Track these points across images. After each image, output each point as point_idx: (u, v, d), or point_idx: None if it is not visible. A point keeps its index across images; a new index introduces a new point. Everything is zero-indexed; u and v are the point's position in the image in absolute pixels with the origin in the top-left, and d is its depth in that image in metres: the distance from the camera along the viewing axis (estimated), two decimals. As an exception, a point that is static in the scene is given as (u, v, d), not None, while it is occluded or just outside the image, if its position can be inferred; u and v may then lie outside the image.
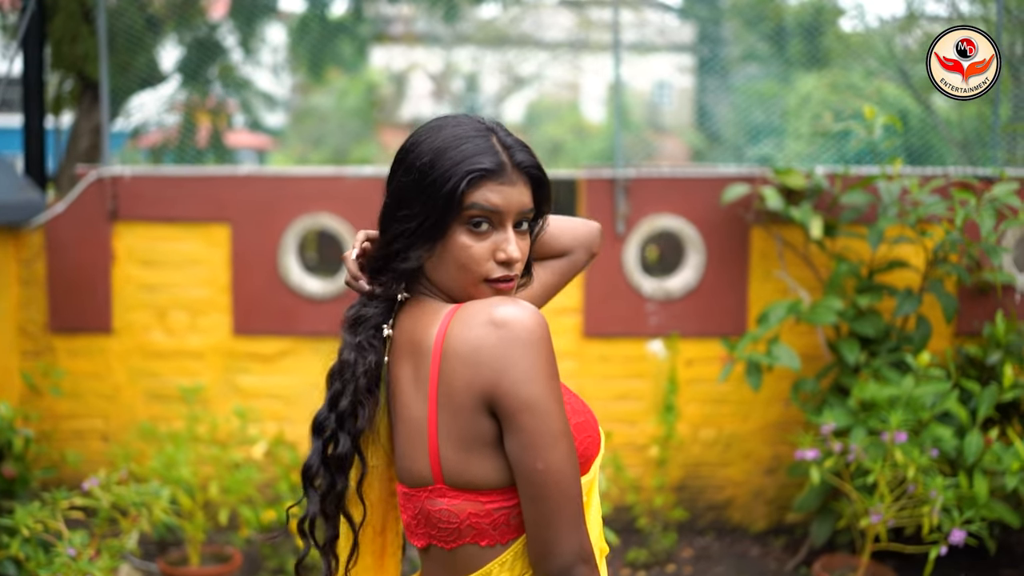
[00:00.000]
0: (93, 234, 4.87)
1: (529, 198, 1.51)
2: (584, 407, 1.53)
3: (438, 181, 1.45)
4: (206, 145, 7.47)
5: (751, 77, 7.44)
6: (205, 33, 7.66)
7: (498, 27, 11.99)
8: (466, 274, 1.47)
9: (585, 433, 1.48)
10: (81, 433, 4.96)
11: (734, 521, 4.96)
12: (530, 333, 1.36)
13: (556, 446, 1.35)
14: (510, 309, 1.38)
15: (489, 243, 1.47)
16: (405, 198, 1.49)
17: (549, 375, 1.36)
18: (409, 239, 1.48)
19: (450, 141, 1.47)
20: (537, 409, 1.35)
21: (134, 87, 6.66)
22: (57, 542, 3.12)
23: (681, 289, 4.79)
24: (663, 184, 4.81)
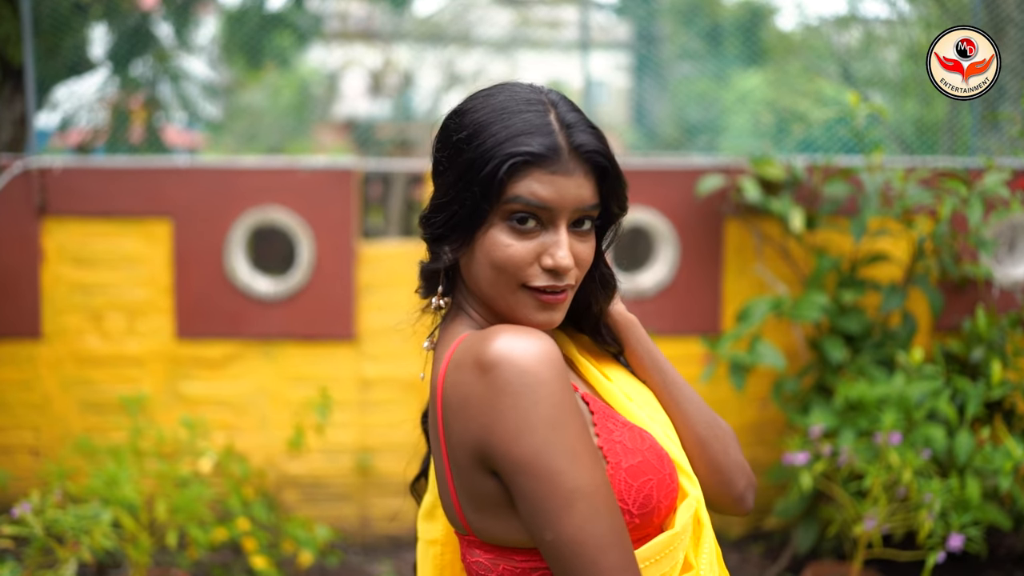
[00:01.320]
0: (19, 231, 4.48)
1: (591, 191, 1.22)
2: (644, 444, 1.22)
3: (476, 163, 1.18)
4: (141, 140, 7.05)
5: (687, 75, 7.31)
6: (136, 20, 7.25)
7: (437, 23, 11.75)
8: (502, 278, 1.21)
9: (644, 477, 1.18)
10: (8, 448, 4.56)
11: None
12: (521, 376, 1.09)
13: (568, 511, 1.08)
14: (501, 346, 1.11)
15: (535, 244, 1.20)
16: (439, 179, 1.23)
17: (550, 424, 1.09)
18: (440, 230, 1.23)
19: (497, 114, 1.20)
20: (534, 469, 1.09)
21: (60, 75, 6.24)
22: (-14, 575, 2.77)
23: (653, 286, 4.57)
24: (634, 176, 4.58)
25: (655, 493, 1.18)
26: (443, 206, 1.22)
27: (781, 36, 7.28)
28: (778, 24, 7.38)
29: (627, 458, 1.18)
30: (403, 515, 4.62)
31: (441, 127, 1.27)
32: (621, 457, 1.17)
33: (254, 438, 4.56)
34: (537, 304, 1.22)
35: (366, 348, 4.64)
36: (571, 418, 1.10)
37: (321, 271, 4.56)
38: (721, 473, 1.37)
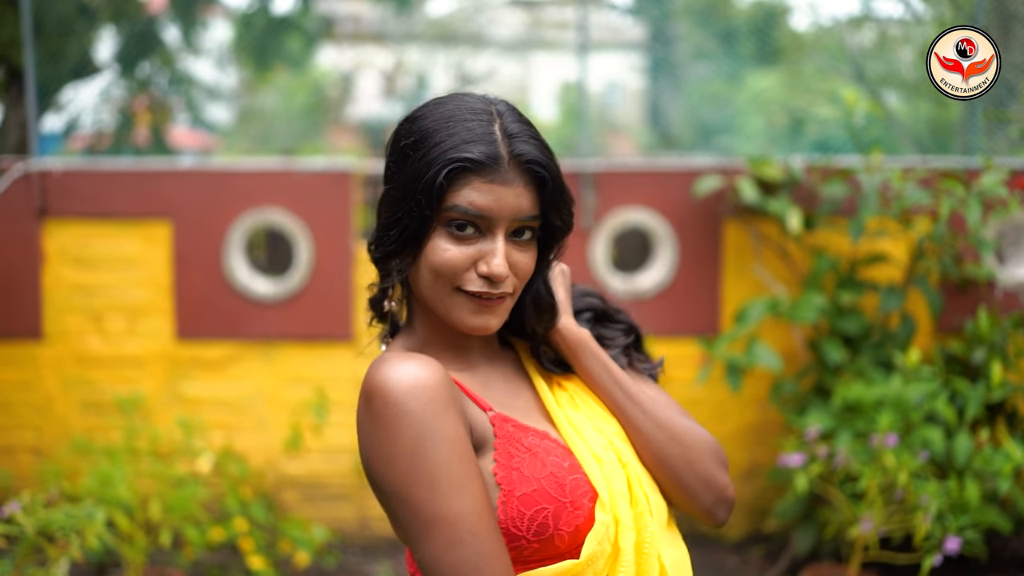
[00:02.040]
0: (20, 232, 4.51)
1: (531, 202, 1.23)
2: (544, 472, 1.20)
3: (420, 172, 1.19)
4: (146, 143, 7.08)
5: (702, 76, 7.30)
6: (143, 24, 7.28)
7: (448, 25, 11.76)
8: (439, 282, 1.22)
9: (538, 506, 1.17)
10: (10, 448, 4.59)
11: (709, 529, 4.74)
12: (387, 407, 1.12)
13: (428, 537, 1.11)
14: (378, 376, 1.14)
15: (473, 251, 1.22)
16: (386, 188, 1.25)
17: (410, 454, 1.11)
18: (392, 247, 1.23)
19: (443, 122, 1.21)
20: (399, 496, 1.13)
21: (65, 78, 6.28)
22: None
23: (652, 287, 4.56)
24: (632, 177, 4.57)
25: (551, 522, 1.18)
26: (395, 222, 1.22)
27: (795, 36, 7.26)
28: (792, 24, 7.37)
29: (521, 486, 1.18)
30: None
31: (394, 132, 1.28)
32: (515, 485, 1.18)
33: (253, 438, 4.57)
34: (472, 307, 1.23)
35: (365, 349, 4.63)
36: (435, 448, 1.11)
37: (320, 272, 4.57)
38: (684, 489, 1.34)
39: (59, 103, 7.04)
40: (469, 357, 1.33)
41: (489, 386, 1.31)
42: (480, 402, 1.24)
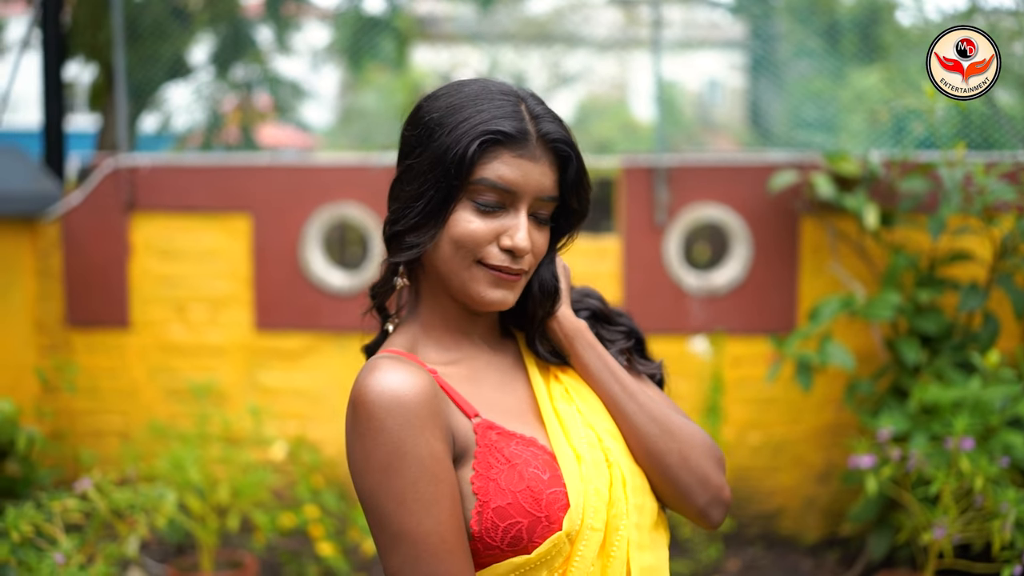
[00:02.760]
0: (110, 226, 4.69)
1: (553, 183, 1.25)
2: (521, 485, 1.18)
3: (449, 145, 1.20)
4: (237, 142, 7.30)
5: (804, 74, 7.15)
6: (239, 26, 7.50)
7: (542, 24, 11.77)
8: (460, 253, 1.23)
9: (512, 519, 1.16)
10: (99, 431, 4.78)
11: (784, 532, 4.64)
12: (367, 420, 1.14)
13: (391, 550, 1.13)
14: (362, 386, 1.15)
15: (496, 224, 1.23)
16: (407, 163, 1.25)
17: (382, 469, 1.13)
18: (416, 219, 1.23)
19: (470, 99, 1.23)
20: (368, 506, 1.15)
21: (160, 79, 6.50)
22: (49, 547, 2.91)
23: (726, 283, 4.49)
24: (706, 172, 4.52)
25: (524, 535, 1.17)
26: (420, 194, 1.22)
27: (900, 32, 7.06)
28: (897, 20, 7.17)
29: (496, 498, 1.17)
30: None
31: (414, 109, 1.29)
32: (491, 496, 1.17)
33: (327, 428, 4.66)
34: (491, 280, 1.24)
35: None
36: (407, 467, 1.13)
37: (394, 266, 4.63)
38: (678, 486, 1.31)
39: (156, 103, 7.31)
40: (470, 344, 1.32)
41: (481, 382, 1.29)
42: (465, 407, 1.23)
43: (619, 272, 4.55)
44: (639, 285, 4.54)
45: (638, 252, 4.52)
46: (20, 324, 4.69)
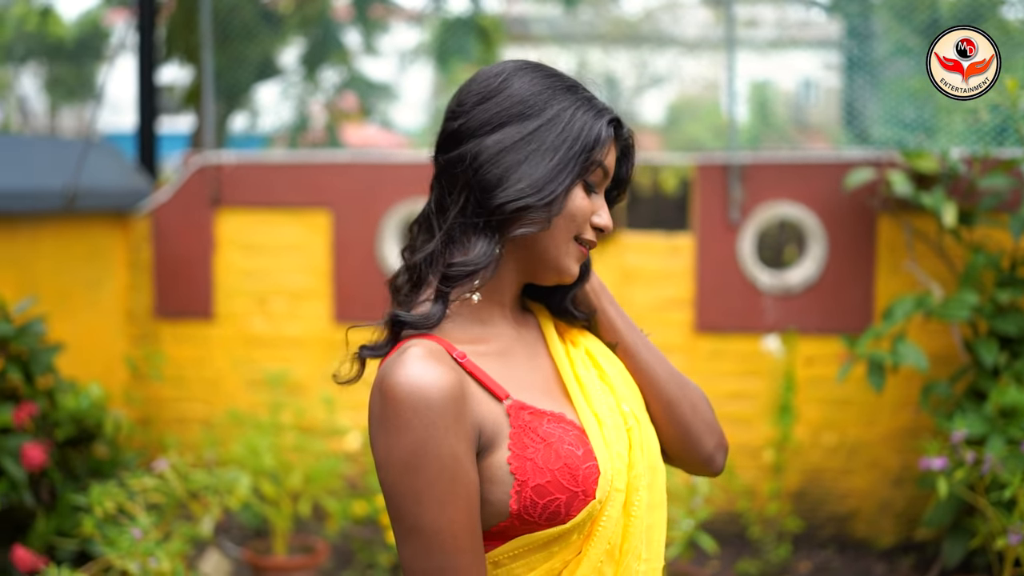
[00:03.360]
0: (196, 221, 4.87)
1: (613, 171, 1.35)
2: (559, 463, 1.22)
3: (577, 121, 1.26)
4: (322, 141, 7.48)
5: (902, 73, 6.99)
6: (327, 28, 7.69)
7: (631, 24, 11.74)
8: (568, 228, 1.28)
9: (550, 496, 1.21)
10: (183, 418, 4.96)
11: (858, 535, 4.57)
12: (396, 414, 1.16)
13: (405, 542, 1.18)
14: (394, 379, 1.17)
15: (592, 204, 1.30)
16: (524, 135, 1.26)
17: (404, 465, 1.16)
18: (543, 193, 1.24)
19: (564, 81, 1.30)
20: (387, 498, 1.19)
21: (250, 80, 6.71)
22: (129, 523, 3.06)
23: (801, 282, 4.45)
24: (781, 169, 4.48)
25: (563, 509, 1.21)
26: (550, 168, 1.24)
27: (1005, 28, 6.85)
28: (1002, 15, 6.97)
29: (535, 477, 1.20)
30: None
31: (492, 84, 1.29)
32: (529, 476, 1.20)
33: (401, 420, 4.74)
34: (579, 255, 1.31)
35: (511, 338, 4.75)
36: (428, 465, 1.15)
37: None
38: (689, 432, 1.40)
39: (246, 103, 7.54)
40: (502, 316, 1.35)
41: (510, 358, 1.32)
42: (496, 390, 1.25)
43: (692, 269, 4.54)
44: (712, 282, 4.52)
45: (711, 250, 4.51)
46: (112, 314, 4.91)
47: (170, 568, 2.92)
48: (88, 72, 22.95)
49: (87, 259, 4.73)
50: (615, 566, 1.27)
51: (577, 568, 1.24)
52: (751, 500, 4.51)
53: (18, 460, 3.54)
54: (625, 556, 1.28)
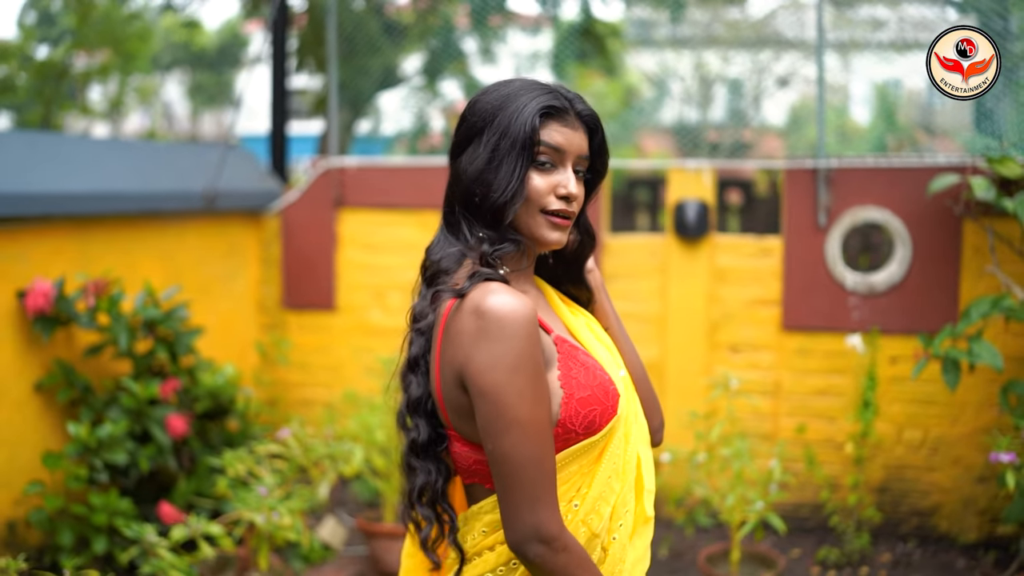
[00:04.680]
0: (321, 220, 5.34)
1: (586, 145, 1.61)
2: (595, 381, 1.55)
3: (513, 121, 1.55)
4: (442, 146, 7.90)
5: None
6: (448, 38, 8.11)
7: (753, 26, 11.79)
8: (529, 205, 1.58)
9: (590, 407, 1.52)
10: (307, 401, 5.44)
11: (940, 529, 4.70)
12: (501, 327, 1.44)
13: (506, 433, 1.43)
14: (495, 300, 1.45)
15: (552, 179, 1.58)
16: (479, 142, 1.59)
17: (511, 367, 1.43)
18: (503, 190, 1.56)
19: (522, 89, 1.59)
20: (490, 397, 1.43)
21: (374, 88, 7.18)
22: (255, 482, 3.50)
23: (885, 283, 4.61)
24: (867, 174, 4.65)
25: (598, 419, 1.53)
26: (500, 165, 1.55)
27: None
28: None
29: (579, 391, 1.52)
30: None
31: (470, 104, 1.65)
32: (575, 390, 1.52)
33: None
34: (550, 224, 1.59)
35: (608, 333, 5.05)
36: (528, 366, 1.45)
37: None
38: (647, 405, 1.78)
39: (371, 110, 8.04)
40: (529, 284, 1.69)
41: (542, 312, 1.65)
42: (545, 326, 1.58)
43: (779, 270, 4.76)
44: (800, 283, 4.72)
45: (799, 252, 4.71)
46: (246, 304, 5.42)
47: (290, 522, 3.34)
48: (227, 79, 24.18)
49: (225, 254, 5.25)
50: (621, 481, 1.59)
51: (594, 478, 1.56)
52: (834, 491, 4.70)
53: (164, 428, 4.04)
54: (623, 467, 1.60)
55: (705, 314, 4.89)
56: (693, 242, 4.87)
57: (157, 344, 4.18)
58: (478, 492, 1.58)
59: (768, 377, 4.83)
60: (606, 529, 1.57)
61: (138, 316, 4.12)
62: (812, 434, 4.73)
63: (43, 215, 4.01)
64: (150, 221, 4.67)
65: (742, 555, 4.05)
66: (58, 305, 3.90)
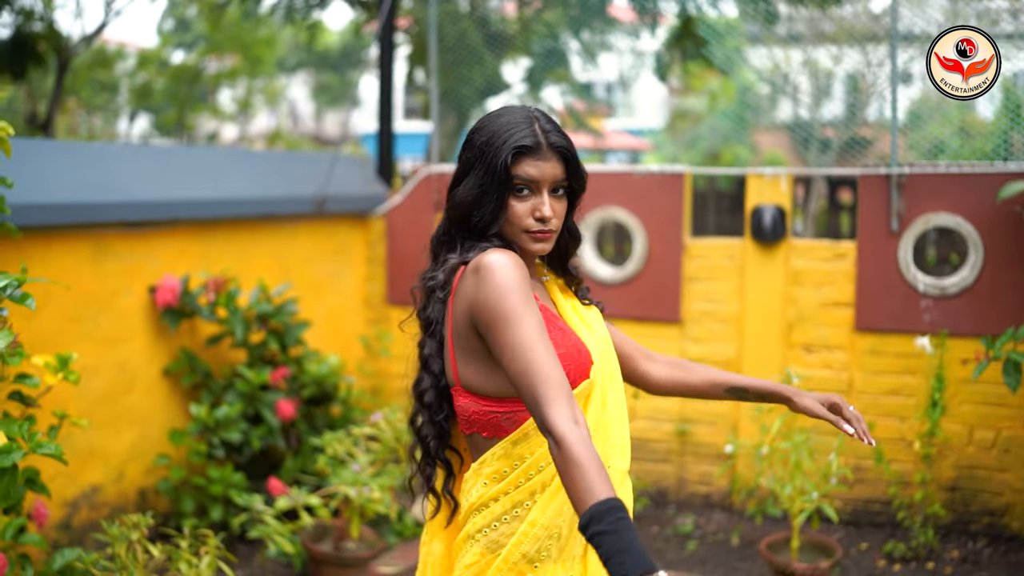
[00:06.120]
0: (422, 222, 5.75)
1: (562, 171, 1.90)
2: (569, 342, 1.87)
3: (494, 159, 1.86)
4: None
5: None
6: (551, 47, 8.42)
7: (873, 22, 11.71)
8: (513, 226, 1.90)
9: (564, 363, 1.83)
10: (407, 390, 5.84)
11: (1012, 529, 4.81)
12: (495, 271, 1.76)
13: (520, 325, 1.71)
14: (485, 257, 1.79)
15: (530, 204, 1.89)
16: (470, 174, 1.92)
17: (510, 290, 1.74)
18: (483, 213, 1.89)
19: (503, 127, 1.90)
20: (509, 317, 1.72)
21: (477, 96, 7.56)
22: (351, 461, 3.91)
23: (957, 286, 4.74)
24: (939, 180, 4.78)
25: (571, 373, 1.85)
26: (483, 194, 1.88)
27: None
28: None
29: (556, 348, 1.83)
30: (715, 479, 5.23)
31: (468, 137, 1.97)
32: (556, 347, 1.83)
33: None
34: (532, 239, 1.91)
35: (689, 331, 5.30)
36: (523, 289, 1.77)
37: (652, 261, 5.31)
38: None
39: (478, 116, 8.43)
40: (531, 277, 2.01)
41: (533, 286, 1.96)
42: (533, 295, 1.88)
43: (852, 271, 4.93)
44: (872, 285, 4.89)
45: (872, 255, 4.87)
46: (353, 299, 5.88)
47: (380, 496, 3.74)
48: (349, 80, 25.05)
49: (333, 253, 5.72)
50: (601, 440, 1.90)
51: None
52: (903, 489, 4.85)
53: (274, 411, 4.50)
54: (604, 429, 1.91)
55: (781, 315, 5.10)
56: (769, 246, 5.08)
57: (269, 335, 4.65)
58: (480, 443, 1.90)
59: (841, 376, 5.01)
60: None
61: (252, 310, 4.59)
62: (883, 432, 4.90)
63: (171, 219, 4.52)
64: (265, 224, 5.16)
65: (802, 543, 4.28)
66: (183, 299, 4.40)
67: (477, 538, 1.87)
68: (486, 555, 1.85)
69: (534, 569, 1.82)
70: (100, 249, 4.21)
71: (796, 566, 4.04)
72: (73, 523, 4.11)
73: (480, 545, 1.86)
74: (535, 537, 1.81)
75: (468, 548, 1.89)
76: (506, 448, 1.85)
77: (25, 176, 3.76)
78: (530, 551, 1.81)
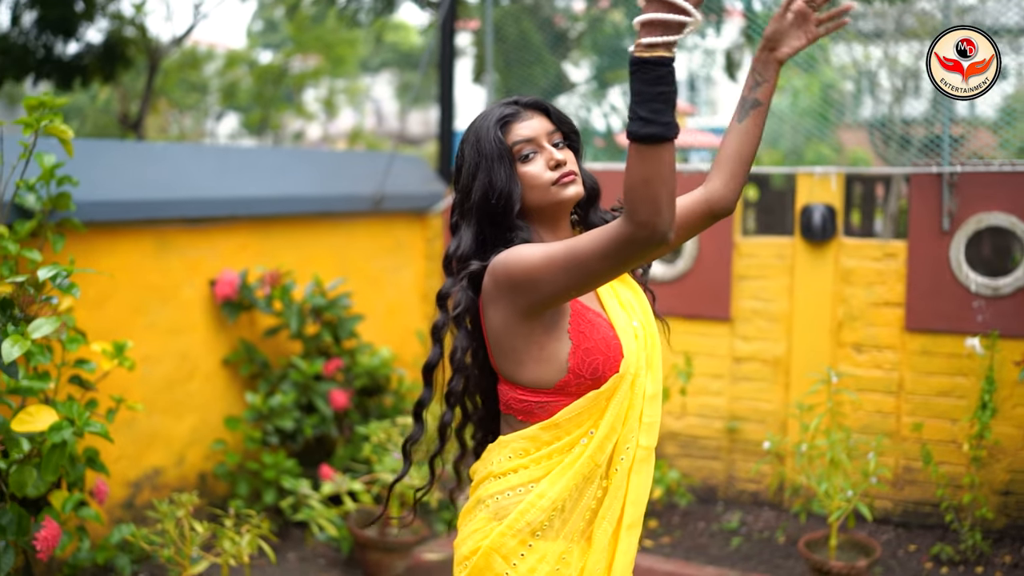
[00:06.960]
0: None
1: (548, 123, 1.98)
2: (599, 335, 1.89)
3: (488, 144, 1.94)
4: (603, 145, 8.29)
5: None
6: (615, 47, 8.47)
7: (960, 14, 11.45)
8: (537, 189, 1.95)
9: (593, 356, 1.87)
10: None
11: (1066, 534, 4.73)
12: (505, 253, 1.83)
13: (552, 255, 1.75)
14: (509, 250, 1.85)
15: (540, 161, 1.95)
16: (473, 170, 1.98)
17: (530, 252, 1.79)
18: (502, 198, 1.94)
19: (479, 120, 2.00)
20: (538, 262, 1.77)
21: (541, 96, 7.65)
22: (393, 448, 4.06)
23: (1011, 287, 4.68)
24: (992, 179, 4.72)
25: (601, 368, 1.88)
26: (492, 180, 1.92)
27: None
28: None
29: (584, 343, 1.88)
30: (764, 477, 5.25)
31: (456, 153, 2.05)
32: (582, 341, 1.89)
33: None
34: (560, 187, 1.95)
35: (739, 329, 5.33)
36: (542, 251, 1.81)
37: (703, 260, 5.34)
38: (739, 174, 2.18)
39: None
40: None
41: None
42: None
43: (903, 271, 4.90)
44: (923, 285, 4.85)
45: (922, 255, 4.83)
46: (410, 295, 6.04)
47: (419, 483, 3.88)
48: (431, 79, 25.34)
49: (391, 250, 5.89)
50: (626, 424, 1.92)
51: (602, 420, 1.90)
52: (953, 491, 4.81)
53: (327, 401, 4.68)
54: (635, 411, 1.93)
55: (830, 314, 5.09)
56: (819, 245, 5.07)
57: (323, 328, 4.83)
58: (512, 421, 1.97)
59: (891, 376, 4.98)
60: (608, 462, 1.92)
61: (307, 303, 4.78)
62: (934, 434, 4.85)
63: (231, 216, 4.73)
64: (323, 220, 5.35)
65: (842, 542, 4.28)
66: (242, 293, 4.61)
67: (488, 503, 1.94)
68: (491, 521, 1.93)
69: (535, 538, 1.90)
70: (163, 244, 4.44)
71: (832, 564, 4.06)
72: (136, 502, 4.34)
73: (489, 511, 1.94)
74: (541, 508, 1.89)
75: (476, 513, 1.97)
76: (535, 432, 1.92)
77: (92, 175, 4.00)
78: (534, 521, 1.89)
